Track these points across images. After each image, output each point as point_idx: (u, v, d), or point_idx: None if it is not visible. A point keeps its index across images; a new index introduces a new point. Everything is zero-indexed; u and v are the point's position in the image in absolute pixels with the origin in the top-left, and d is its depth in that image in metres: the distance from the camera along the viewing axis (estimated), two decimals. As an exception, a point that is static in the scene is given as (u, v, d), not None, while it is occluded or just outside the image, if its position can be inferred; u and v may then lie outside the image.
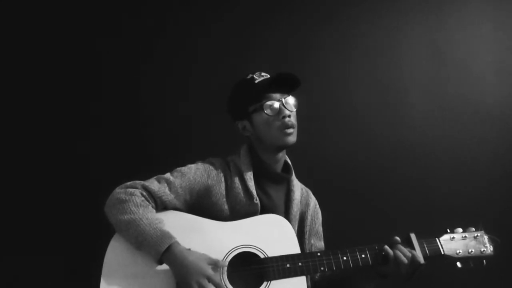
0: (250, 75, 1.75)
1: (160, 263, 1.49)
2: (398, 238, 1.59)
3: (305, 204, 1.84)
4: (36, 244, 2.15)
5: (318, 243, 1.82)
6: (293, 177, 1.83)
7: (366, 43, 2.54)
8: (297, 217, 1.78)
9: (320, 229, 1.87)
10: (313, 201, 1.88)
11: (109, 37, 2.37)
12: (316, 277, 1.78)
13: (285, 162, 1.82)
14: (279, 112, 1.67)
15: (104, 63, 2.35)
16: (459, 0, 2.62)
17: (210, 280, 1.45)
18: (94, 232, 1.74)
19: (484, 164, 2.44)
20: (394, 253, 1.55)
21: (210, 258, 1.51)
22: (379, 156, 2.43)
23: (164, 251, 1.46)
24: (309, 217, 1.82)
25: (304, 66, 2.42)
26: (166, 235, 1.49)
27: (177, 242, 1.49)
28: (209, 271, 1.46)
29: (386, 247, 1.57)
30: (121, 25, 2.39)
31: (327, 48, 2.51)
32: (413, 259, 1.54)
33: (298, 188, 1.82)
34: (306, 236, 1.79)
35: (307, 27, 2.51)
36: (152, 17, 2.42)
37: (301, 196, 1.82)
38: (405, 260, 1.53)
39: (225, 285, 1.50)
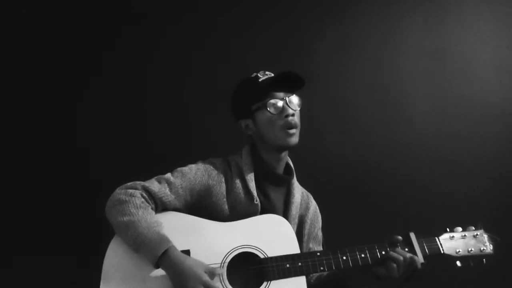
0: (254, 73, 1.75)
1: (157, 266, 1.49)
2: (399, 237, 1.59)
3: (305, 208, 1.83)
4: (36, 245, 2.15)
5: (316, 248, 1.81)
6: (294, 179, 1.82)
7: (367, 43, 2.54)
8: (296, 220, 1.77)
9: (320, 233, 1.86)
10: (313, 205, 1.86)
11: (109, 37, 2.38)
12: (312, 280, 1.77)
13: (287, 164, 1.81)
14: (282, 111, 1.67)
15: (104, 63, 2.35)
16: (459, 0, 2.62)
17: (206, 286, 1.44)
18: (94, 233, 1.74)
19: (484, 164, 2.44)
20: (393, 254, 1.54)
21: (207, 265, 1.50)
22: (379, 155, 2.43)
23: (161, 255, 1.46)
24: (308, 221, 1.81)
25: (304, 66, 2.40)
26: (163, 239, 1.48)
27: (174, 247, 1.49)
28: (205, 277, 1.45)
29: (389, 250, 1.56)
30: (121, 25, 2.40)
31: (327, 48, 2.51)
32: (412, 260, 1.53)
33: (298, 191, 1.81)
34: (305, 240, 1.78)
35: (307, 27, 2.52)
36: (152, 17, 2.43)
37: (301, 199, 1.81)
38: (401, 259, 1.52)
39: (225, 285, 1.50)
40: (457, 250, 1.59)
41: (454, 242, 1.60)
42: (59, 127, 2.28)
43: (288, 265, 1.54)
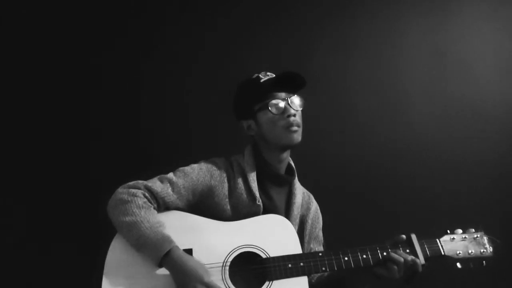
0: (256, 74, 1.75)
1: (160, 266, 1.50)
2: (403, 236, 1.59)
3: (306, 208, 1.83)
4: (38, 245, 2.16)
5: (317, 248, 1.82)
6: (296, 180, 1.82)
7: (367, 44, 2.55)
8: (297, 220, 1.77)
9: (321, 234, 1.86)
10: (314, 205, 1.87)
11: (109, 37, 2.38)
12: (313, 281, 1.77)
13: (289, 164, 1.82)
14: (284, 111, 1.67)
15: (104, 63, 2.35)
16: (459, 0, 2.62)
17: (208, 287, 1.45)
18: (96, 232, 1.74)
19: (484, 165, 2.44)
20: (394, 256, 1.54)
21: (209, 264, 1.51)
22: (379, 155, 2.43)
23: (164, 256, 1.47)
24: (309, 221, 1.81)
25: (304, 66, 2.39)
26: (166, 239, 1.49)
27: (176, 247, 1.49)
28: (207, 278, 1.46)
29: (390, 251, 1.57)
30: (121, 25, 2.40)
31: (327, 48, 2.51)
32: (413, 262, 1.53)
33: (300, 192, 1.81)
34: (306, 240, 1.78)
35: (307, 27, 2.52)
36: (153, 17, 2.43)
37: (302, 200, 1.82)
38: (402, 261, 1.53)
39: (227, 285, 1.51)
40: (458, 252, 1.59)
41: (455, 244, 1.61)
42: (59, 127, 2.28)
43: (290, 265, 1.54)
